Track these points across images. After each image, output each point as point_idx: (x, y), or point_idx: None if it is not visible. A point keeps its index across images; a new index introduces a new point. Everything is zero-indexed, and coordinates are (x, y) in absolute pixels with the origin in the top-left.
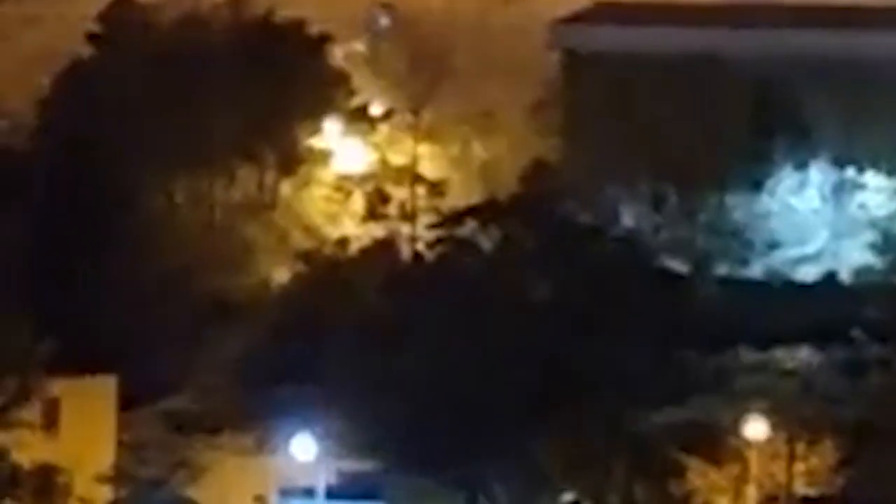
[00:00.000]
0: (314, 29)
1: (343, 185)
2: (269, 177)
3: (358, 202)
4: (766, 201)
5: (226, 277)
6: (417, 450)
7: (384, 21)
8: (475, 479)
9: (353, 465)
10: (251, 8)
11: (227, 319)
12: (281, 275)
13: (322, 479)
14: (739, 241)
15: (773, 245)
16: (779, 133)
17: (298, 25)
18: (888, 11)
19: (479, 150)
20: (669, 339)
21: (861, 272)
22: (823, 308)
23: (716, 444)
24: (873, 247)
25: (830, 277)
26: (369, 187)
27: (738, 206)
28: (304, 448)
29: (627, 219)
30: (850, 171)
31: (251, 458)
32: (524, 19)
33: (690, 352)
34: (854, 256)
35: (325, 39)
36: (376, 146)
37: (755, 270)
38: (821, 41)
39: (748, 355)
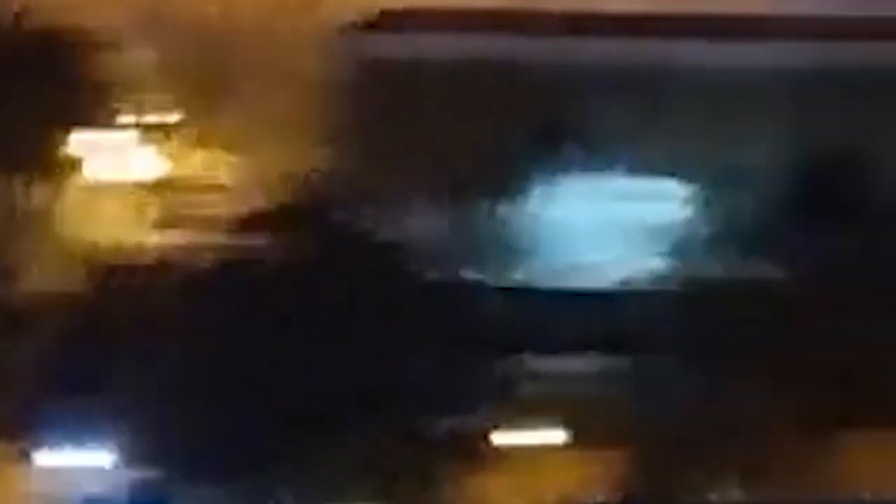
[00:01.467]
0: (92, 37)
1: (136, 192)
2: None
3: (152, 209)
4: (551, 209)
5: (9, 286)
6: (205, 459)
7: (154, 26)
8: (266, 490)
9: (140, 474)
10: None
11: (12, 329)
12: (68, 283)
13: (109, 488)
14: (523, 250)
15: (558, 253)
16: (565, 141)
17: (76, 33)
18: (680, 20)
19: (262, 159)
20: (452, 348)
21: (650, 280)
22: (610, 316)
23: (499, 452)
24: (661, 255)
25: (618, 286)
26: (163, 195)
27: (522, 214)
28: (92, 457)
29: (408, 227)
30: (640, 180)
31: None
32: (308, 25)
33: (474, 360)
34: (641, 265)
35: (99, 47)
36: (170, 156)
37: (540, 279)
38: (610, 49)
39: (533, 362)
